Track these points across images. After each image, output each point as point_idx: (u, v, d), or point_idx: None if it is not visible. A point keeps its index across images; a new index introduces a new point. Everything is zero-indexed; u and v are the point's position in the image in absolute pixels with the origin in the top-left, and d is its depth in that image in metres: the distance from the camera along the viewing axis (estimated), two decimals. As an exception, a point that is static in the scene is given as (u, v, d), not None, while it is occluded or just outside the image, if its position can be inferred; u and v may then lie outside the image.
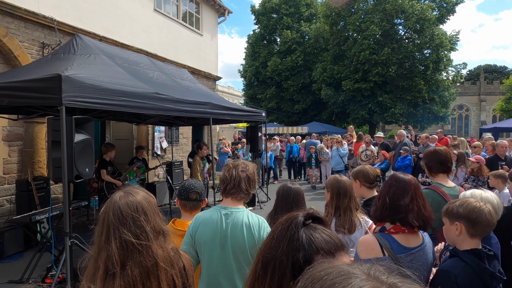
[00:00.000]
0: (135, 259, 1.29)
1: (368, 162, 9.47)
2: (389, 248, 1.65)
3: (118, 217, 1.31)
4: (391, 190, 1.74)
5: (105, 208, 1.37)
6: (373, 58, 20.68)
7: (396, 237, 1.68)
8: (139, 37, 9.49)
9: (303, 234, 0.86)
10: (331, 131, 19.61)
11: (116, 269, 1.27)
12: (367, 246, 1.69)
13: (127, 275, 1.27)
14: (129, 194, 1.38)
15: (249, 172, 2.03)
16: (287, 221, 0.92)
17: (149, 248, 1.32)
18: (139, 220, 1.32)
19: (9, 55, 6.36)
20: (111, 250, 1.27)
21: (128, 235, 1.29)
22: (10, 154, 6.48)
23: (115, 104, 4.03)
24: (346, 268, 0.59)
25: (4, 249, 5.28)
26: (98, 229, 1.35)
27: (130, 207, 1.33)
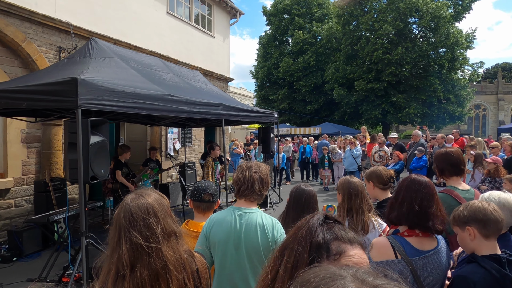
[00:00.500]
0: (144, 261, 1.30)
1: (381, 163, 9.36)
2: (402, 251, 1.63)
3: (129, 219, 1.33)
4: (419, 196, 1.68)
5: (118, 210, 1.39)
6: (386, 58, 20.42)
7: (409, 240, 1.66)
8: (152, 40, 9.62)
9: (324, 224, 0.91)
10: (344, 132, 19.44)
11: (126, 271, 1.28)
12: (380, 248, 1.67)
13: (136, 277, 1.28)
14: (141, 197, 1.39)
15: (262, 173, 2.05)
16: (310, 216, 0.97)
17: (159, 251, 1.32)
18: (149, 222, 1.33)
19: (27, 59, 6.54)
20: (121, 252, 1.29)
21: (138, 238, 1.30)
22: (29, 156, 6.66)
23: (130, 107, 4.09)
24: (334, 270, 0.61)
25: (23, 248, 5.42)
26: (112, 231, 1.37)
27: (140, 209, 1.35)
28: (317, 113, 27.18)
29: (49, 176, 6.47)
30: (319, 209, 2.48)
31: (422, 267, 1.61)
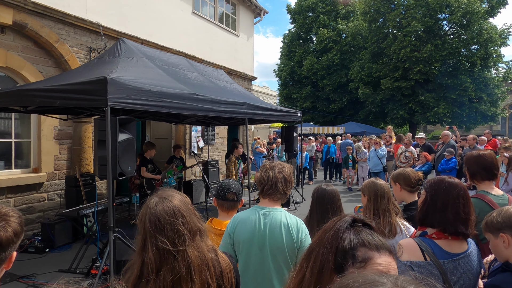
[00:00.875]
0: (169, 265, 1.29)
1: (407, 164, 9.11)
2: (431, 252, 1.58)
3: (155, 225, 1.31)
4: (461, 202, 1.61)
5: (141, 215, 1.37)
6: (414, 56, 19.80)
7: (438, 242, 1.60)
8: (178, 39, 9.79)
9: (351, 229, 0.89)
10: (369, 131, 19.05)
11: (151, 276, 1.28)
12: (407, 249, 1.62)
13: (160, 281, 1.28)
14: (165, 200, 1.37)
15: (285, 173, 2.05)
16: (337, 218, 0.96)
17: (184, 252, 1.31)
18: (176, 224, 1.32)
19: (60, 59, 6.82)
20: (147, 258, 1.29)
21: (165, 243, 1.29)
22: (61, 152, 6.95)
23: (156, 105, 4.19)
24: (374, 277, 0.60)
25: (55, 240, 5.68)
26: (138, 236, 1.36)
27: (167, 212, 1.33)
28: (341, 112, 26.76)
29: (79, 171, 6.73)
30: (343, 209, 2.44)
31: (452, 270, 1.55)
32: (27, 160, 6.63)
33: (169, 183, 7.15)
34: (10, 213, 1.08)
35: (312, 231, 2.23)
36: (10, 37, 6.13)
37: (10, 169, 6.32)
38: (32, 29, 6.24)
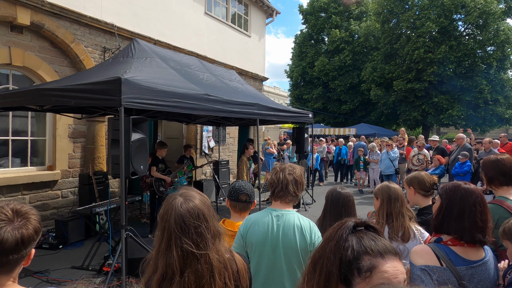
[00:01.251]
0: (193, 267, 1.30)
1: (420, 167, 8.97)
2: (447, 259, 1.54)
3: (181, 226, 1.31)
4: (478, 209, 1.57)
5: (165, 212, 1.35)
6: (428, 57, 19.50)
7: (454, 249, 1.57)
8: (190, 40, 9.86)
9: (353, 236, 0.86)
10: (380, 133, 18.83)
11: (176, 276, 1.28)
12: (423, 254, 1.59)
13: (184, 282, 1.29)
14: (189, 200, 1.36)
15: (296, 175, 2.05)
16: (338, 224, 0.93)
17: (206, 255, 1.32)
18: (200, 227, 1.32)
19: (75, 59, 6.94)
20: (172, 258, 1.29)
21: (190, 245, 1.29)
22: (74, 150, 7.07)
23: (169, 105, 4.22)
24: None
25: (68, 237, 5.77)
26: (158, 234, 1.36)
27: (192, 215, 1.33)
28: (353, 113, 26.55)
29: (92, 169, 6.83)
30: (357, 213, 2.42)
31: (469, 278, 1.52)
32: (42, 158, 6.76)
33: (180, 182, 7.19)
34: (30, 212, 1.11)
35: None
36: (28, 38, 6.27)
37: (26, 166, 6.46)
38: (49, 29, 6.37)
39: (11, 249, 1.02)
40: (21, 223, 1.06)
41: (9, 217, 1.04)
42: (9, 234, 1.02)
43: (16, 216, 1.06)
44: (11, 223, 1.04)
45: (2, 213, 1.04)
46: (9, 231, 1.02)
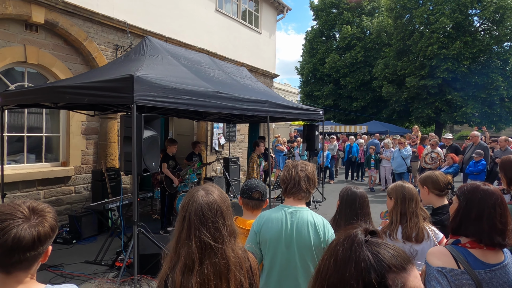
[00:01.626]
0: (211, 259, 1.36)
1: (433, 166, 8.84)
2: (465, 261, 1.51)
3: (200, 218, 1.37)
4: (498, 212, 1.53)
5: (186, 203, 1.42)
6: (442, 53, 19.13)
7: (473, 252, 1.54)
8: (201, 37, 9.87)
9: (369, 253, 0.80)
10: (392, 131, 18.60)
11: (195, 265, 1.34)
12: (440, 256, 1.55)
13: (203, 273, 1.34)
14: (210, 195, 1.43)
15: (308, 171, 2.07)
16: (347, 240, 0.86)
17: (223, 251, 1.37)
18: (217, 223, 1.38)
19: (88, 57, 7.02)
20: (192, 247, 1.35)
21: (208, 237, 1.35)
22: (87, 146, 7.18)
23: (180, 103, 4.24)
24: None
25: (81, 232, 5.88)
26: (179, 224, 1.42)
27: (211, 209, 1.39)
28: (364, 110, 26.27)
29: (105, 166, 6.92)
30: (371, 214, 2.39)
31: (488, 282, 1.48)
32: (56, 154, 6.88)
33: (191, 179, 7.24)
34: (46, 209, 1.13)
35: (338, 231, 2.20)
36: (42, 36, 6.37)
37: (40, 162, 6.58)
38: (63, 27, 6.45)
39: (28, 246, 1.04)
40: (38, 221, 1.08)
41: (26, 215, 1.06)
42: (26, 232, 1.04)
43: (33, 214, 1.08)
44: (27, 221, 1.06)
45: (19, 211, 1.06)
46: (26, 229, 1.04)
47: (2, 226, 1.02)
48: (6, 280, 1.06)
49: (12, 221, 1.03)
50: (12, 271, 1.05)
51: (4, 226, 1.02)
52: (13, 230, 1.02)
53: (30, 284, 1.10)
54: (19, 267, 1.06)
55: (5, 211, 1.05)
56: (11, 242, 1.01)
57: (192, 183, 7.32)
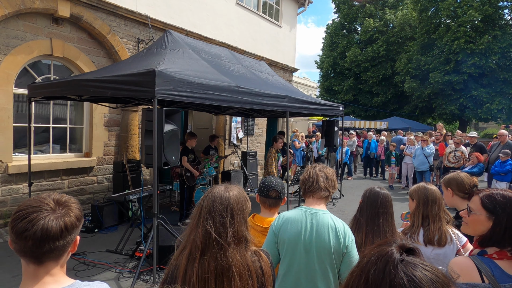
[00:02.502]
0: (213, 253, 1.36)
1: (457, 164, 8.59)
2: (490, 275, 1.44)
3: (209, 209, 1.41)
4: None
5: (204, 195, 1.48)
6: (469, 47, 18.41)
7: (499, 263, 1.47)
8: (221, 30, 9.87)
9: (403, 275, 0.75)
10: (414, 128, 18.13)
11: (196, 254, 1.37)
12: (462, 269, 1.50)
13: (204, 265, 1.35)
14: (227, 191, 1.46)
15: (327, 172, 2.07)
16: (381, 260, 0.80)
17: (226, 250, 1.37)
18: (224, 219, 1.39)
19: (111, 50, 7.15)
20: (197, 235, 1.39)
21: (212, 228, 1.37)
22: (109, 138, 7.35)
23: (200, 97, 4.26)
24: None
25: (103, 221, 6.05)
26: (194, 212, 1.47)
27: (222, 203, 1.41)
28: (384, 106, 25.71)
29: (126, 158, 7.08)
30: (393, 215, 2.33)
31: None
32: (80, 145, 7.08)
33: (209, 172, 7.31)
34: (69, 200, 1.18)
35: (360, 232, 2.18)
36: (67, 29, 6.52)
37: (65, 153, 6.80)
38: (87, 21, 6.59)
39: (57, 235, 1.09)
40: (63, 212, 1.13)
41: (52, 207, 1.12)
42: (53, 223, 1.09)
43: (58, 206, 1.13)
44: (53, 212, 1.11)
45: (45, 203, 1.11)
46: (53, 220, 1.09)
47: (30, 218, 1.07)
48: (38, 271, 1.11)
49: (39, 213, 1.08)
50: (44, 260, 1.10)
51: (32, 218, 1.07)
52: (40, 222, 1.07)
53: (59, 277, 1.14)
54: (50, 256, 1.10)
55: (32, 204, 1.10)
56: (40, 233, 1.06)
57: (210, 176, 7.39)
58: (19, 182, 5.92)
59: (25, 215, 1.07)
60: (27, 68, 6.15)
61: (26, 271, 1.12)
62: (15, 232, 1.07)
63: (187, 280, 1.35)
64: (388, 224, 2.21)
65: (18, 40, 5.84)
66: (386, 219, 2.21)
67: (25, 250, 1.08)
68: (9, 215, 5.78)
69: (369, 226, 2.19)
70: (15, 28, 5.80)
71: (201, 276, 1.35)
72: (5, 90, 5.69)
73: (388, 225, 2.21)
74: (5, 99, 5.69)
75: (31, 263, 1.11)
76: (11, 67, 5.75)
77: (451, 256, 2.14)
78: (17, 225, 1.07)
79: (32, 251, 1.07)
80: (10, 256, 4.64)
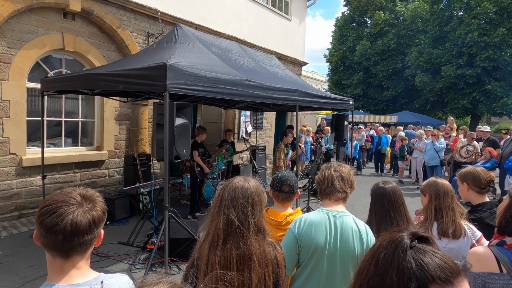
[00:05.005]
0: (235, 241, 1.41)
1: (469, 159, 8.47)
2: (509, 264, 1.44)
3: (231, 197, 1.46)
4: None
5: (224, 185, 1.54)
6: (483, 40, 18.03)
7: (517, 254, 1.46)
8: (231, 24, 9.83)
9: (412, 260, 0.76)
10: (425, 122, 17.91)
11: (219, 241, 1.41)
12: (481, 259, 1.50)
13: (227, 251, 1.40)
14: (247, 182, 1.52)
15: (342, 171, 2.03)
16: (391, 244, 0.81)
17: (247, 238, 1.42)
18: (246, 208, 1.45)
19: (121, 44, 7.18)
20: (219, 222, 1.43)
21: (234, 216, 1.42)
22: (120, 132, 7.42)
23: (210, 91, 4.26)
24: None
25: (114, 214, 6.14)
26: (214, 201, 1.51)
27: (243, 193, 1.47)
28: (394, 100, 25.40)
29: (136, 151, 7.14)
30: (405, 204, 2.31)
31: None
32: (91, 139, 7.17)
33: (218, 166, 7.33)
34: (94, 195, 1.19)
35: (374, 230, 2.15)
36: (78, 24, 6.57)
37: (76, 146, 6.89)
38: (98, 15, 6.62)
39: (86, 230, 1.11)
40: (90, 206, 1.14)
41: (79, 201, 1.13)
42: (82, 217, 1.10)
43: (84, 200, 1.14)
44: (81, 206, 1.12)
45: (72, 198, 1.12)
46: (81, 214, 1.10)
47: (59, 212, 1.08)
48: (65, 265, 1.13)
49: (68, 207, 1.09)
50: (71, 254, 1.12)
51: (61, 212, 1.08)
52: (69, 216, 1.08)
53: (85, 270, 1.16)
54: (78, 249, 1.12)
55: (59, 199, 1.11)
56: (70, 227, 1.08)
57: (219, 170, 7.42)
58: (33, 175, 6.03)
59: (54, 210, 1.08)
60: (40, 63, 6.22)
61: (53, 265, 1.13)
62: (44, 227, 1.08)
63: (210, 266, 1.40)
64: (400, 215, 2.19)
65: (31, 35, 5.90)
66: (398, 210, 2.19)
67: (55, 245, 1.09)
68: (23, 207, 5.91)
69: (382, 223, 2.16)
70: (28, 23, 5.86)
71: (223, 262, 1.39)
72: (18, 84, 5.77)
73: (401, 216, 2.19)
74: (18, 93, 5.78)
75: (58, 257, 1.12)
76: (24, 61, 5.82)
77: (465, 250, 2.12)
78: (45, 220, 1.08)
79: (62, 245, 1.09)
80: (26, 247, 4.75)
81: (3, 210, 5.69)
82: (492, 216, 2.35)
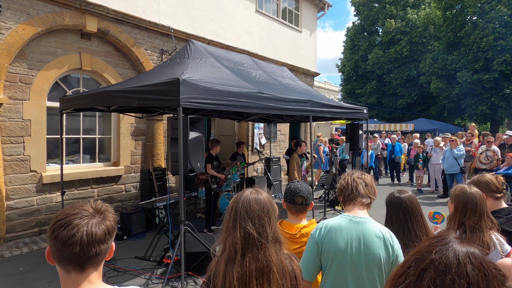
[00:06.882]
0: (254, 254, 1.38)
1: (489, 166, 8.21)
2: None
3: (246, 210, 1.44)
4: None
5: (235, 199, 1.52)
6: (499, 44, 17.68)
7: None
8: (242, 38, 9.97)
9: (453, 254, 0.76)
10: (442, 129, 17.53)
11: (237, 256, 1.38)
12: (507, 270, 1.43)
13: (245, 265, 1.37)
14: (259, 194, 1.51)
15: (365, 178, 2.02)
16: (435, 239, 0.81)
17: (266, 249, 1.39)
18: (263, 219, 1.43)
19: (136, 62, 7.37)
20: (235, 237, 1.40)
21: (252, 228, 1.40)
22: (136, 147, 7.54)
23: (224, 104, 4.30)
24: None
25: (131, 229, 6.18)
26: (227, 215, 1.49)
27: (258, 204, 1.46)
28: (410, 107, 25.04)
29: (152, 166, 7.23)
30: (423, 213, 2.23)
31: None
32: (108, 154, 7.31)
33: (233, 179, 7.33)
34: (104, 206, 1.22)
35: None
36: (95, 43, 6.79)
37: (94, 162, 7.03)
38: (113, 34, 6.83)
39: (102, 239, 1.13)
40: (102, 216, 1.17)
41: (91, 213, 1.15)
42: (97, 228, 1.12)
43: (96, 212, 1.16)
44: (93, 217, 1.14)
45: (84, 210, 1.15)
46: (96, 224, 1.13)
47: (73, 224, 1.10)
48: (79, 279, 1.13)
49: (81, 219, 1.11)
50: (87, 266, 1.12)
51: (75, 224, 1.10)
52: (84, 228, 1.10)
53: (98, 284, 1.16)
54: (94, 261, 1.13)
55: (71, 213, 1.14)
56: (87, 237, 1.09)
57: (234, 182, 7.42)
58: (52, 191, 6.17)
59: (68, 222, 1.10)
60: (59, 82, 6.43)
61: (67, 281, 1.13)
62: (60, 240, 1.08)
63: (227, 283, 1.37)
64: (418, 226, 2.06)
65: (50, 56, 6.13)
66: (416, 220, 2.06)
67: (72, 257, 1.09)
68: (44, 223, 6.03)
69: (399, 234, 2.05)
70: (47, 45, 6.10)
71: (241, 278, 1.36)
72: (38, 104, 5.97)
73: (419, 227, 2.06)
74: (39, 112, 5.97)
75: (73, 271, 1.12)
76: (44, 81, 6.04)
77: None
78: (61, 233, 1.08)
79: (79, 256, 1.09)
80: (46, 263, 4.82)
81: (24, 226, 5.83)
82: (509, 222, 2.26)
